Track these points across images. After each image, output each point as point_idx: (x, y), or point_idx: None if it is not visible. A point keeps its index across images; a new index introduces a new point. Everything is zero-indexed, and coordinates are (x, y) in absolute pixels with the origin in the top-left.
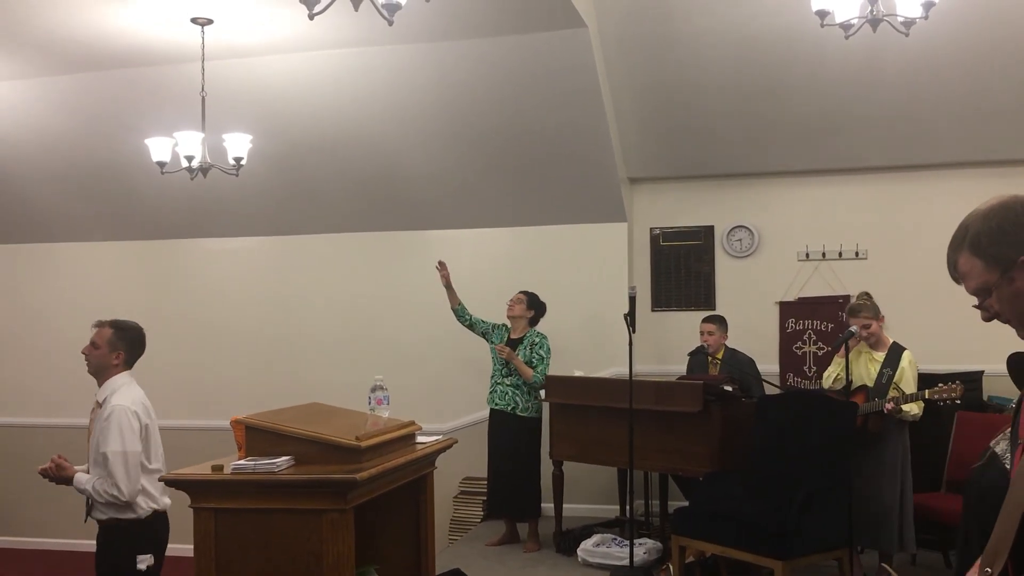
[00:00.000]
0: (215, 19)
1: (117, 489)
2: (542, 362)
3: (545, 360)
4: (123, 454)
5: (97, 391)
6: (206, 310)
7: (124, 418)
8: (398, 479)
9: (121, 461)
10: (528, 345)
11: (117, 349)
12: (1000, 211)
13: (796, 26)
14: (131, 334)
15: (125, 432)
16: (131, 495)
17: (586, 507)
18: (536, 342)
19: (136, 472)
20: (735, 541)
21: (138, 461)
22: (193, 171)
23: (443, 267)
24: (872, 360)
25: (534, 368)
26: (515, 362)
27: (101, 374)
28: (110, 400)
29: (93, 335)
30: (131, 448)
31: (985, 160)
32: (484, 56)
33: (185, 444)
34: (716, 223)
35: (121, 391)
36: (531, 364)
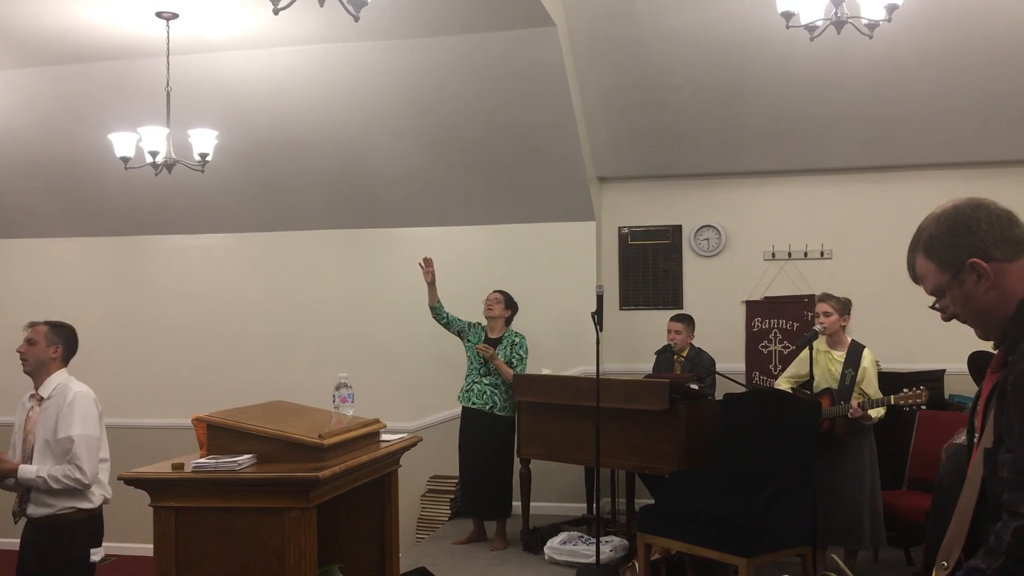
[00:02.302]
0: (180, 13)
1: (80, 471)
2: (522, 362)
3: (524, 360)
4: (86, 438)
5: (39, 388)
6: (171, 307)
7: (87, 404)
8: (362, 477)
9: (84, 444)
10: (508, 345)
11: (54, 343)
12: (952, 214)
13: (763, 28)
14: (66, 331)
15: (88, 418)
16: (92, 479)
17: (553, 505)
18: (516, 342)
19: (96, 456)
20: (700, 539)
21: (98, 446)
22: (157, 167)
23: (428, 264)
24: (832, 360)
25: (513, 368)
26: (495, 362)
27: (40, 371)
28: (69, 387)
29: (28, 334)
30: (92, 433)
31: (948, 162)
32: (453, 54)
33: (147, 443)
34: (684, 222)
35: (74, 382)
36: (511, 363)
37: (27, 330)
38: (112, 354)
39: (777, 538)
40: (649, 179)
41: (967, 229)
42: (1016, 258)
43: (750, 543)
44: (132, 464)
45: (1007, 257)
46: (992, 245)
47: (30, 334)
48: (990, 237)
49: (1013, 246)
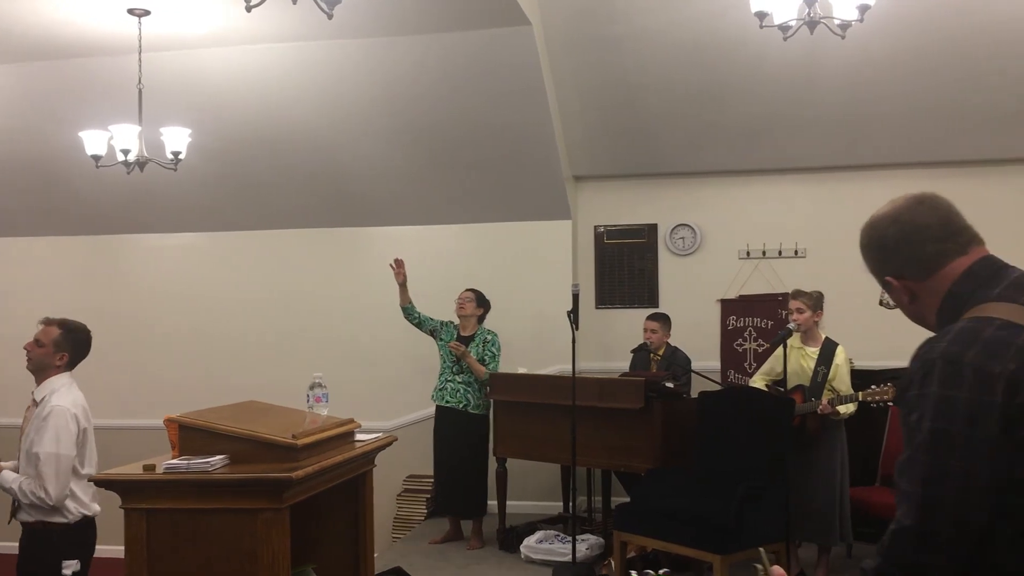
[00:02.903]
0: (152, 10)
1: (45, 492)
2: (494, 359)
3: (497, 357)
4: (56, 456)
5: (35, 389)
6: (143, 307)
7: (63, 420)
8: (336, 477)
9: (53, 463)
10: (480, 342)
11: (62, 350)
12: (871, 230)
13: (737, 28)
14: (78, 335)
15: (61, 434)
16: (58, 500)
17: (530, 504)
18: (488, 339)
19: (66, 477)
20: (676, 536)
21: (70, 466)
22: (129, 165)
23: (400, 265)
24: (805, 356)
25: (486, 365)
26: (468, 360)
27: (41, 372)
28: (49, 400)
29: (39, 332)
30: (65, 451)
31: (919, 161)
32: (428, 52)
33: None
34: (659, 221)
35: (61, 392)
36: (483, 361)
37: (40, 326)
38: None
39: (752, 535)
40: (625, 178)
41: (881, 247)
42: (927, 277)
43: (725, 540)
44: (104, 466)
45: (918, 277)
46: (903, 265)
47: (40, 334)
48: (900, 258)
49: (923, 266)
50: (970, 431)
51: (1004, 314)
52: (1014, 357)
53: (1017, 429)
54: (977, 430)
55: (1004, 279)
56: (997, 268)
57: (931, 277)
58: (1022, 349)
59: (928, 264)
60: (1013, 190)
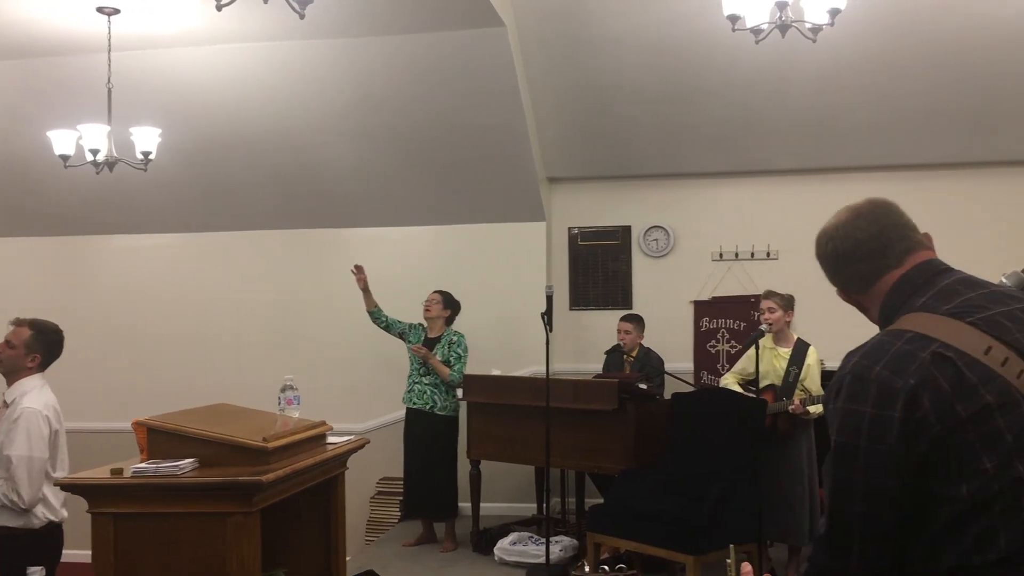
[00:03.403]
0: (122, 9)
1: (17, 495)
2: (459, 360)
3: (462, 358)
4: (28, 459)
5: (6, 391)
6: (112, 309)
7: (34, 422)
8: (307, 480)
9: (25, 466)
10: (446, 344)
11: (33, 351)
12: (818, 246)
13: (710, 32)
14: (50, 336)
15: (33, 437)
16: (31, 503)
17: (503, 506)
18: (454, 341)
19: (39, 480)
20: (649, 537)
21: (43, 468)
22: (98, 165)
23: (360, 270)
24: (777, 356)
25: (451, 367)
26: (431, 361)
27: (12, 374)
28: (20, 402)
29: (9, 333)
30: (37, 454)
31: (890, 164)
32: (401, 53)
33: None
34: (633, 223)
35: (33, 393)
36: (448, 363)
37: (10, 327)
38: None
39: (724, 536)
40: (598, 180)
41: (825, 262)
42: (866, 291)
43: (698, 541)
44: (72, 469)
45: (859, 290)
46: (844, 283)
47: (10, 335)
48: (839, 277)
49: (860, 281)
50: (872, 445)
51: (918, 326)
52: (916, 371)
53: (917, 444)
54: (879, 444)
55: (934, 287)
56: (932, 275)
57: (870, 290)
58: (925, 363)
59: (863, 280)
60: (980, 193)
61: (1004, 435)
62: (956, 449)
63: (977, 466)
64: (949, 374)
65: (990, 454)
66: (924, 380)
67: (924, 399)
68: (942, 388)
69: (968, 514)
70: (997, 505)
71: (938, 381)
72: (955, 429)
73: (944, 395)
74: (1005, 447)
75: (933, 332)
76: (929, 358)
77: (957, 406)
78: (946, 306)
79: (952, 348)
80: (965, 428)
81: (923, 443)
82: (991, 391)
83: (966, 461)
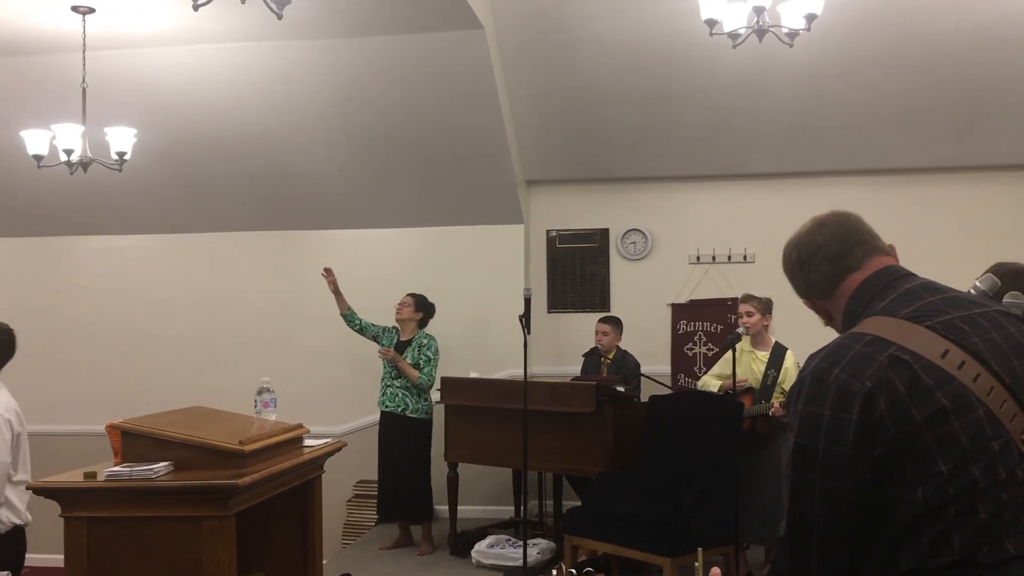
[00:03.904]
0: (97, 8)
1: None
2: (429, 363)
3: (432, 361)
4: None
5: None
6: (86, 311)
7: None
8: (284, 483)
9: None
10: (416, 347)
11: None
12: (784, 258)
13: (688, 36)
14: (1, 336)
15: None
16: None
17: (481, 508)
18: (424, 343)
19: (2, 483)
20: (626, 540)
21: (5, 472)
22: (72, 165)
23: (329, 273)
24: (756, 359)
25: (421, 370)
26: (400, 364)
27: None
28: None
29: None
30: (1, 458)
31: (866, 168)
32: (380, 54)
33: (60, 451)
34: (611, 226)
35: None
36: (417, 366)
37: None
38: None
39: (701, 538)
40: (577, 183)
41: (790, 273)
42: (829, 296)
43: (675, 543)
44: (45, 473)
45: (822, 296)
46: (808, 290)
47: None
48: (804, 284)
49: (822, 287)
50: (830, 447)
51: (877, 329)
52: (873, 375)
53: (873, 446)
54: (836, 446)
55: (896, 291)
56: (892, 279)
57: (833, 295)
58: (882, 366)
59: (826, 285)
60: (955, 197)
61: (959, 438)
62: (912, 452)
63: (932, 469)
64: (905, 377)
65: (945, 457)
66: (880, 383)
67: (880, 402)
68: (898, 391)
69: (923, 517)
70: (952, 508)
71: (894, 384)
72: (911, 432)
73: (900, 398)
74: (960, 450)
75: (891, 335)
76: (886, 361)
77: (913, 409)
78: (906, 310)
79: (909, 351)
80: (921, 431)
81: (879, 446)
82: (947, 394)
83: (922, 464)
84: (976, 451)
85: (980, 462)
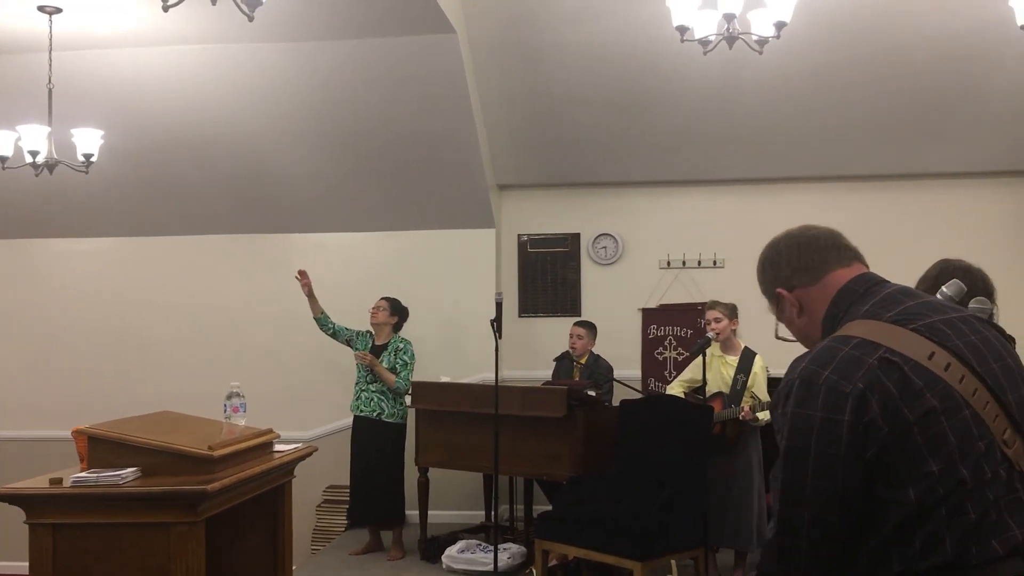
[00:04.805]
0: (64, 8)
1: None
2: (405, 367)
3: (409, 365)
4: None
5: None
6: (51, 314)
7: None
8: (254, 489)
9: None
10: (392, 351)
11: None
12: (765, 251)
13: (659, 42)
14: None
15: None
16: None
17: (452, 513)
18: (400, 348)
19: None
20: (597, 543)
21: None
22: (38, 167)
23: (304, 276)
24: (725, 364)
25: (397, 374)
26: (377, 369)
27: None
28: None
29: None
30: None
31: (833, 175)
32: (351, 58)
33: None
34: (582, 230)
35: None
36: (394, 370)
37: None
38: None
39: (672, 541)
40: (548, 187)
41: (772, 263)
42: (815, 282)
43: (645, 547)
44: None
45: (806, 283)
46: (791, 274)
47: None
48: (788, 267)
49: (810, 272)
50: (821, 449)
51: (864, 332)
52: (864, 376)
53: (866, 447)
54: (828, 447)
55: (875, 295)
56: (871, 285)
57: (818, 283)
58: (873, 368)
59: (815, 270)
60: (917, 204)
61: (948, 438)
62: (904, 452)
63: (923, 469)
64: (896, 378)
65: (936, 457)
66: (872, 384)
67: (873, 403)
68: (890, 392)
69: (915, 518)
70: (943, 508)
71: (885, 385)
72: (903, 432)
73: (892, 399)
74: (949, 450)
75: (879, 338)
76: (876, 363)
77: (904, 410)
78: (888, 313)
79: (898, 354)
80: (912, 431)
81: (872, 446)
82: (936, 395)
83: (913, 464)
84: (964, 451)
85: (968, 462)
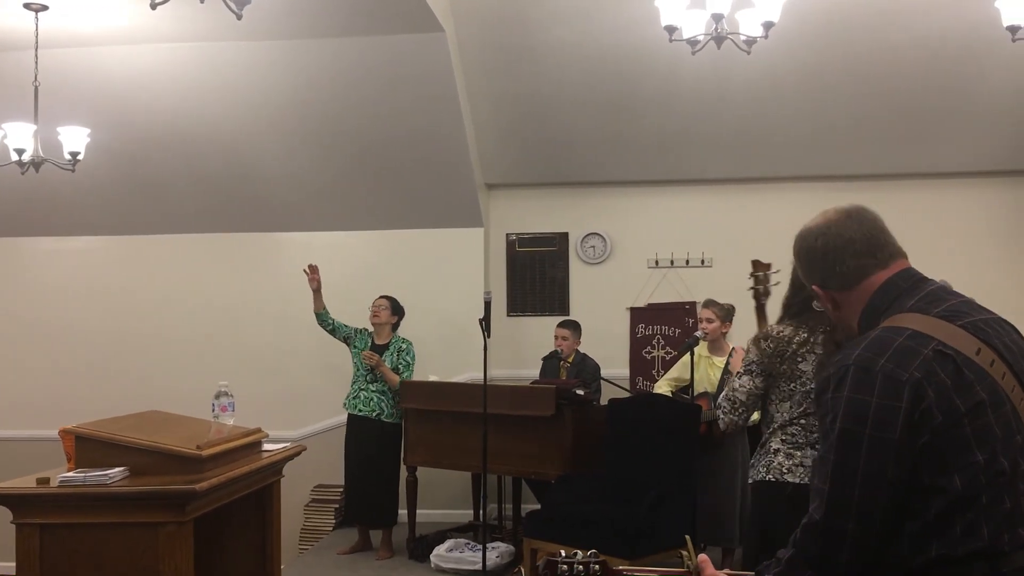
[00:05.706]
0: (50, 5)
1: None
2: (408, 368)
3: (411, 366)
4: None
5: None
6: (38, 313)
7: None
8: (242, 488)
9: None
10: (395, 351)
11: None
12: (802, 240)
13: (648, 42)
14: None
15: None
16: None
17: (440, 512)
18: (403, 348)
19: None
20: (585, 542)
21: None
22: (24, 165)
23: (314, 271)
24: (712, 365)
25: (400, 374)
26: (381, 369)
27: None
28: None
29: None
30: None
31: (820, 175)
32: (340, 56)
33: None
34: (571, 230)
35: None
36: (397, 370)
37: None
38: None
39: (660, 539)
40: (536, 187)
41: (809, 258)
42: (848, 289)
43: (633, 545)
44: None
45: (840, 288)
46: (826, 277)
47: None
48: (824, 270)
49: (844, 279)
50: (877, 433)
51: (915, 325)
52: (920, 366)
53: (919, 434)
54: (883, 433)
55: (920, 291)
56: (916, 281)
57: (852, 290)
58: (928, 359)
59: (849, 277)
60: (906, 204)
61: (993, 430)
62: (953, 441)
63: (970, 458)
64: (949, 370)
65: (981, 448)
66: (928, 374)
67: (929, 391)
68: (944, 383)
69: (957, 506)
70: (984, 497)
71: (940, 376)
72: (954, 422)
73: (945, 389)
74: (993, 442)
75: (931, 331)
76: (931, 354)
77: (956, 400)
78: (936, 309)
79: (950, 347)
80: (962, 422)
81: (925, 434)
82: (984, 389)
83: (960, 453)
84: (1006, 444)
85: (1008, 454)
